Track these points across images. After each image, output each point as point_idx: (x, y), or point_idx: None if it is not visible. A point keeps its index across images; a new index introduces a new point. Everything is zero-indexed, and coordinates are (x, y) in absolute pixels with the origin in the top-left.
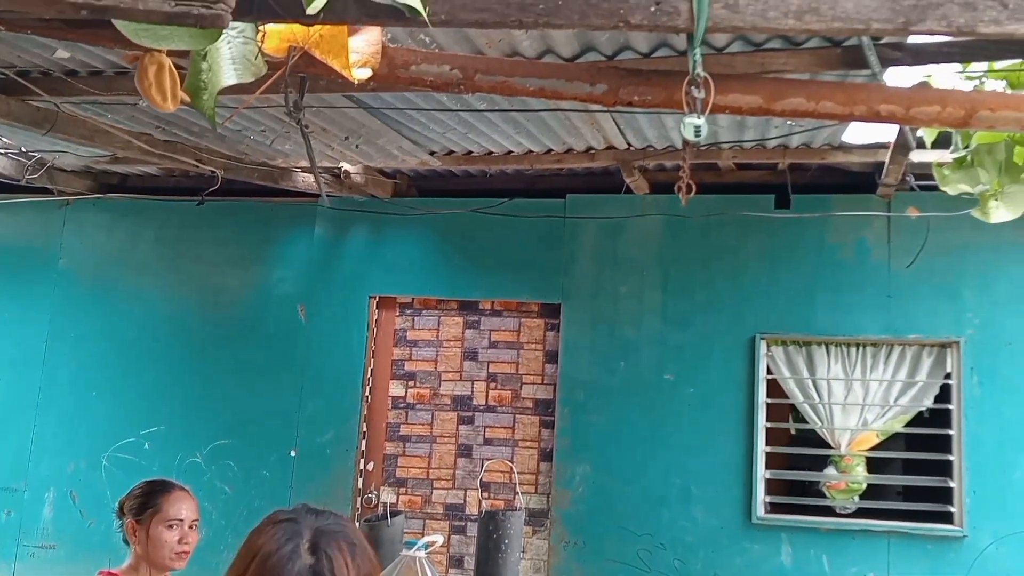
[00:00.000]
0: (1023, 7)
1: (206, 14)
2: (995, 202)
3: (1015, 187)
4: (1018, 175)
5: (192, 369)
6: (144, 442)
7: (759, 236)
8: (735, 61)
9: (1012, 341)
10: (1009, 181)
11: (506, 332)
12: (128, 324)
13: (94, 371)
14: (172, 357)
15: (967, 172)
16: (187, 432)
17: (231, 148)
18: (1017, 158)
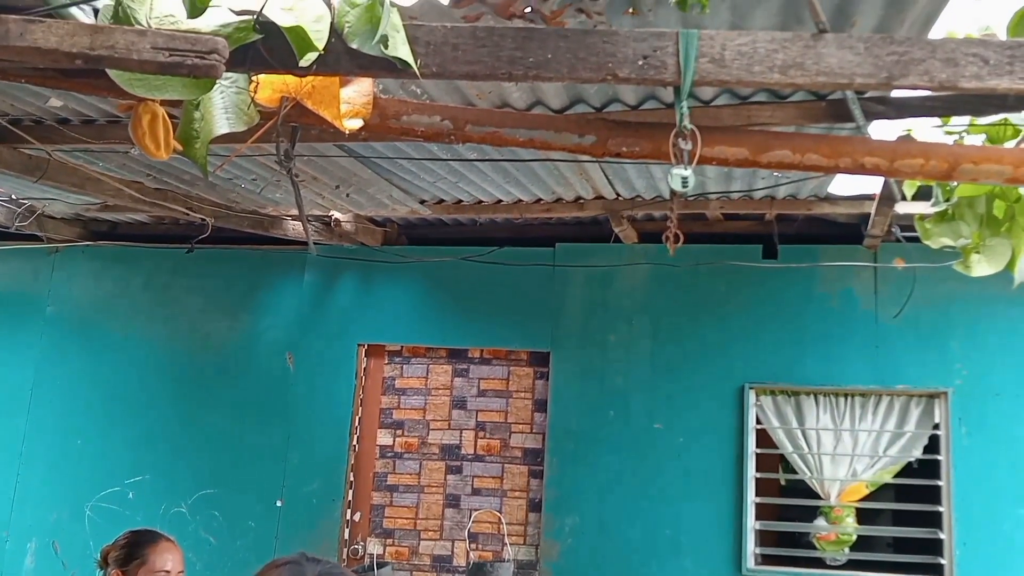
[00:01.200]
0: (1003, 63)
1: (200, 64)
2: (977, 256)
3: (996, 240)
4: (998, 228)
5: (178, 418)
6: (128, 491)
7: (747, 286)
8: (721, 114)
9: (1000, 392)
10: (990, 234)
11: (495, 380)
12: (115, 372)
13: (79, 419)
14: (158, 405)
15: (949, 226)
16: (172, 481)
17: (222, 196)
18: (997, 211)
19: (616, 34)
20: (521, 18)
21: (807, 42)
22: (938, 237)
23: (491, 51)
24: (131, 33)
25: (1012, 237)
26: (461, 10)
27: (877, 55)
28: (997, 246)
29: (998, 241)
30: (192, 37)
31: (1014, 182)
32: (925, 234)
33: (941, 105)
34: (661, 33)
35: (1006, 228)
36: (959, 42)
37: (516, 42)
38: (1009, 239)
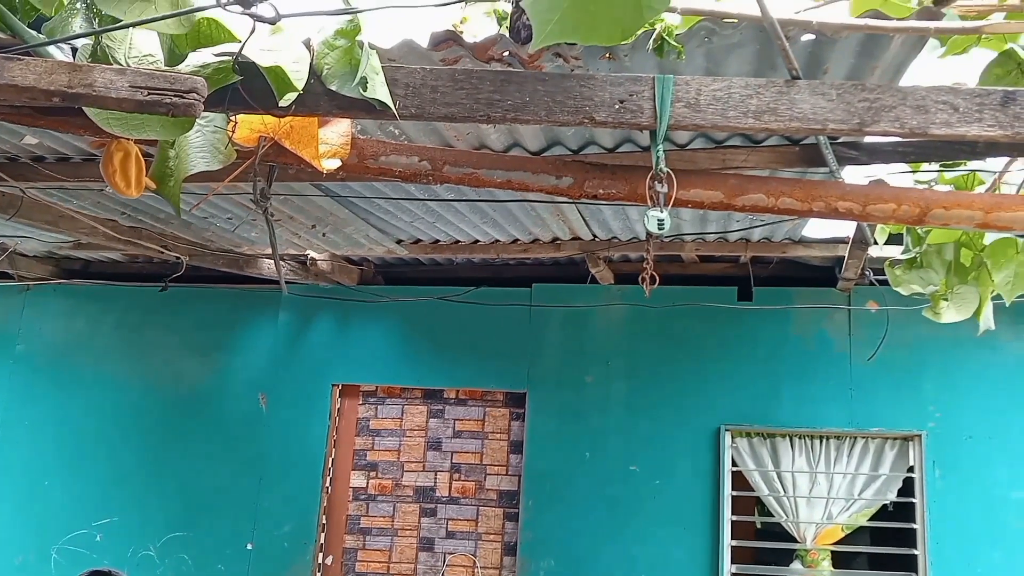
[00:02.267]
0: (972, 110)
1: (178, 103)
2: (945, 303)
3: (964, 288)
4: (966, 276)
5: (148, 458)
6: (96, 533)
7: (723, 328)
8: (697, 157)
9: (973, 435)
10: (958, 282)
11: (471, 421)
12: (84, 412)
13: (47, 460)
14: (128, 446)
15: (918, 273)
16: (141, 523)
17: (197, 235)
18: (965, 259)
19: (593, 78)
20: (499, 61)
21: (781, 88)
22: (908, 284)
23: (470, 93)
24: (109, 71)
25: (980, 285)
26: (440, 53)
27: (849, 102)
28: (965, 293)
29: (966, 289)
30: (171, 76)
31: (984, 227)
32: (895, 281)
33: (912, 151)
34: (637, 78)
35: (973, 276)
36: (929, 89)
37: (495, 85)
38: (977, 287)
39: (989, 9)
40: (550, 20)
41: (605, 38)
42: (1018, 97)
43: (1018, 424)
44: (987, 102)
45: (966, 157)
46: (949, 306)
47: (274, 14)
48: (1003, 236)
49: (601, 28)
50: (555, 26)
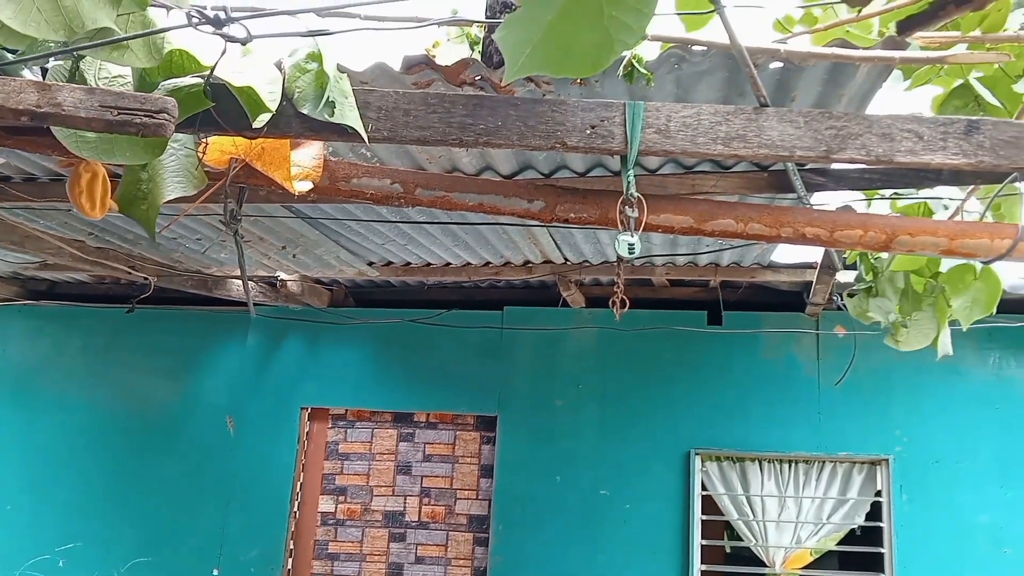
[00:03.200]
0: (936, 139)
1: (149, 123)
2: (905, 330)
3: (922, 315)
4: (920, 304)
5: (114, 482)
6: (59, 559)
7: (693, 351)
8: (667, 182)
9: (940, 459)
10: (913, 310)
11: (441, 445)
12: (48, 435)
13: (10, 484)
14: (93, 470)
15: (875, 302)
16: (105, 549)
17: (165, 256)
18: (917, 286)
19: (565, 104)
20: (471, 85)
21: (749, 115)
22: (866, 312)
23: (442, 117)
24: (79, 91)
25: (937, 312)
26: (412, 76)
27: (816, 129)
28: (924, 321)
29: (924, 316)
30: (141, 96)
31: (949, 254)
32: (854, 310)
33: (878, 178)
34: (609, 104)
35: (929, 303)
36: (895, 118)
37: (467, 109)
38: (934, 314)
39: (951, 41)
40: (522, 53)
41: (576, 71)
42: (981, 126)
43: (984, 448)
44: (951, 131)
45: (930, 184)
46: (908, 334)
47: (245, 35)
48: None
49: (572, 61)
50: (527, 59)
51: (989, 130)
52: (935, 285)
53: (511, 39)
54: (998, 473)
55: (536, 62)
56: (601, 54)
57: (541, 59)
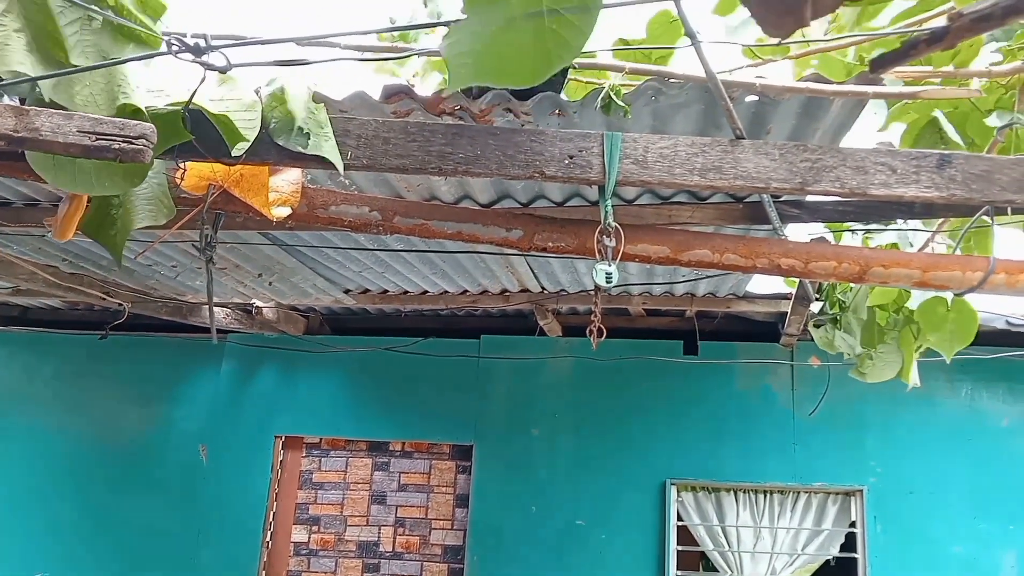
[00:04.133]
0: (909, 172)
1: (127, 149)
2: (870, 362)
3: (887, 348)
4: (883, 337)
5: (84, 511)
6: None
7: (669, 381)
8: (644, 212)
9: (913, 489)
10: (875, 343)
11: (416, 475)
12: (18, 463)
13: None
14: (63, 498)
15: (840, 334)
16: None
17: (139, 282)
18: (880, 320)
19: (544, 134)
20: (451, 115)
21: (725, 147)
22: (833, 343)
23: (422, 146)
24: (57, 116)
25: (902, 345)
26: (391, 105)
27: (791, 161)
28: (889, 353)
29: (889, 349)
30: (119, 122)
31: (922, 286)
32: (820, 340)
33: (852, 210)
34: (587, 134)
35: (893, 336)
36: (869, 151)
37: (446, 138)
38: (899, 347)
39: (924, 76)
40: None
41: (515, 81)
42: (953, 160)
43: (957, 479)
44: (924, 164)
45: (903, 217)
46: (873, 366)
47: (225, 63)
48: (932, 296)
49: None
50: (468, 69)
51: (961, 164)
52: (898, 319)
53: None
54: (971, 504)
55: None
56: (539, 66)
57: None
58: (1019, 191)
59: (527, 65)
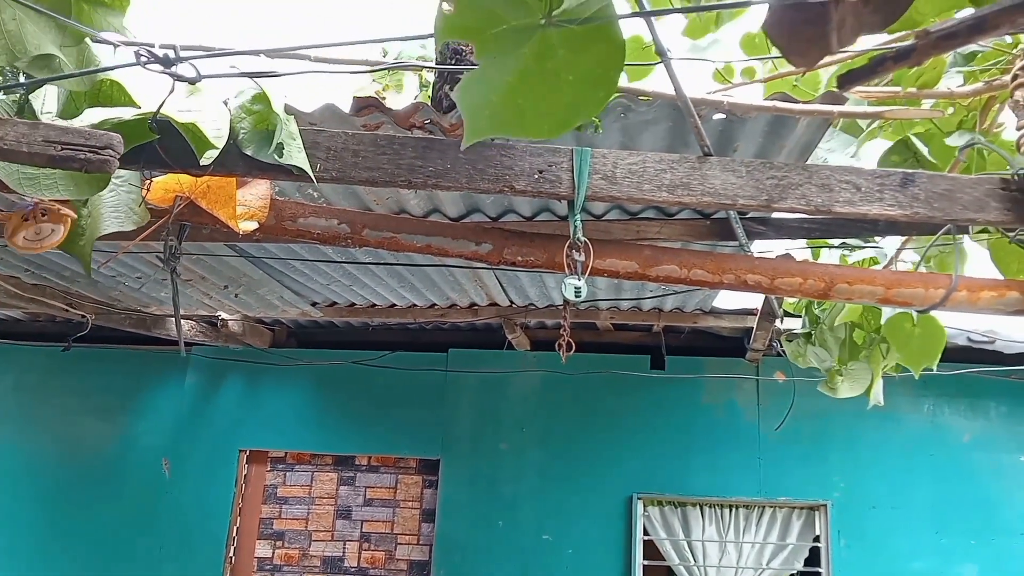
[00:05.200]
0: (873, 190)
1: (93, 159)
2: (840, 378)
3: (857, 365)
4: (858, 354)
5: (43, 525)
6: None
7: (636, 395)
8: (612, 228)
9: (876, 504)
10: (850, 360)
11: (382, 489)
12: None
13: None
14: (22, 512)
15: (813, 349)
16: None
17: (103, 294)
18: (857, 338)
19: (513, 148)
20: (421, 129)
21: (693, 164)
22: (804, 358)
23: (391, 159)
24: (22, 125)
25: (871, 362)
26: (361, 118)
27: (758, 179)
28: (858, 370)
29: (859, 366)
30: (86, 131)
31: (885, 303)
32: (792, 354)
33: (817, 227)
34: (556, 149)
35: (865, 354)
36: (834, 169)
37: (416, 151)
38: (869, 364)
39: (889, 96)
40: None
41: (534, 132)
42: (916, 179)
43: (919, 494)
44: (887, 183)
45: (868, 235)
46: (843, 382)
47: (195, 74)
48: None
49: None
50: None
51: (924, 183)
52: (875, 337)
53: (469, 100)
54: (933, 519)
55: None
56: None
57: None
58: (980, 210)
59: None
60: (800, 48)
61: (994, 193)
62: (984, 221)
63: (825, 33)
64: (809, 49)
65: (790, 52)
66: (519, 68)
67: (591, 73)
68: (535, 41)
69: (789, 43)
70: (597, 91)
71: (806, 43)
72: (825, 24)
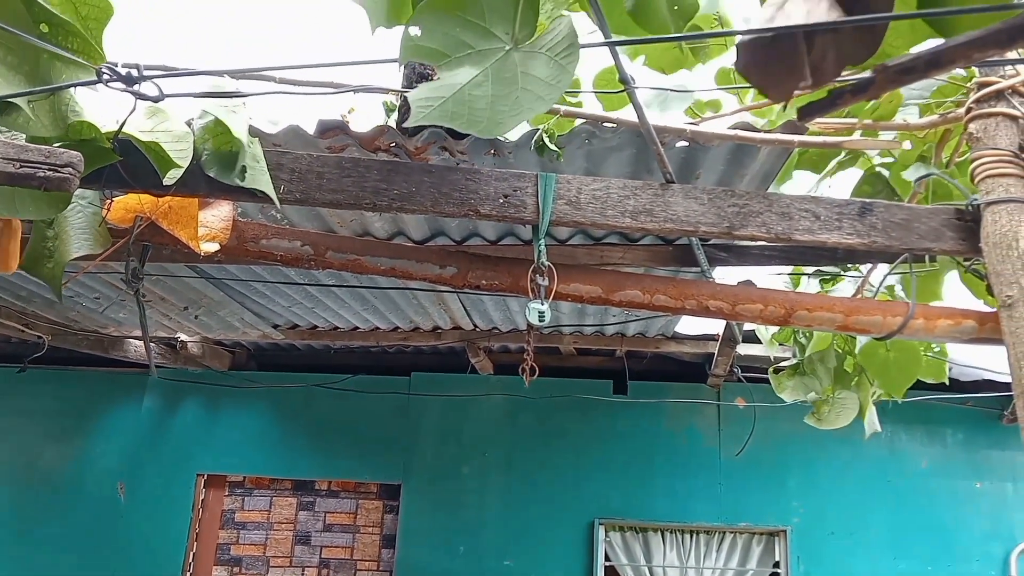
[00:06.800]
0: (832, 219)
1: (52, 177)
2: (827, 409)
3: (845, 394)
4: (849, 383)
5: None
6: None
7: (598, 420)
8: (576, 253)
9: (835, 530)
10: (839, 389)
11: (342, 514)
12: None
13: None
14: None
15: (801, 380)
16: None
17: (60, 314)
18: (847, 366)
19: (479, 172)
20: (386, 152)
21: (656, 191)
22: (791, 390)
23: (356, 181)
24: None
25: (860, 391)
26: (326, 141)
27: (720, 206)
28: (846, 400)
29: (847, 395)
30: (46, 149)
31: (844, 329)
32: (778, 387)
33: (778, 255)
34: (521, 174)
35: (855, 383)
36: (794, 198)
37: (381, 174)
38: (857, 393)
39: (847, 127)
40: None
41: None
42: (874, 208)
43: (877, 520)
44: (846, 212)
45: (827, 263)
46: (830, 412)
47: (158, 93)
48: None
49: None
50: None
51: (881, 212)
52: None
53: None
54: (891, 544)
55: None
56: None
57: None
58: (936, 239)
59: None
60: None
61: (950, 223)
62: (940, 250)
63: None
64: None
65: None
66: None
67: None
68: (497, 62)
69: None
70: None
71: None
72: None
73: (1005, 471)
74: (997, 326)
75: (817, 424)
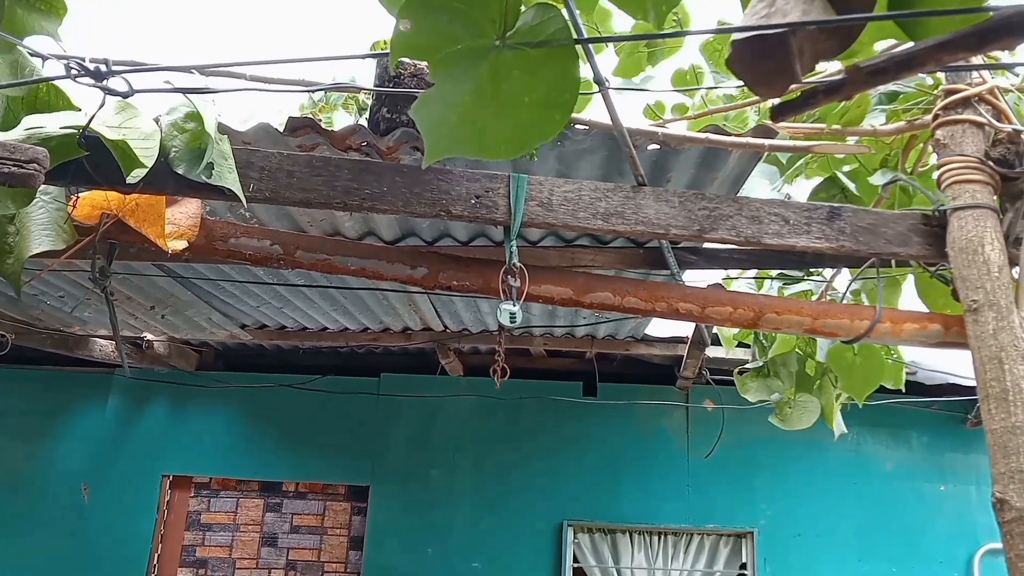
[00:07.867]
0: (801, 223)
1: (17, 173)
2: (790, 410)
3: (807, 397)
4: (810, 386)
5: None
6: None
7: (568, 422)
8: (548, 254)
9: (801, 532)
10: (801, 391)
11: (309, 516)
12: None
13: None
14: None
15: (764, 381)
16: None
17: (24, 313)
18: (809, 369)
19: (451, 173)
20: (357, 151)
21: (627, 193)
22: (755, 391)
23: (326, 180)
24: None
25: (822, 394)
26: (297, 139)
27: (690, 209)
28: (807, 402)
29: (808, 398)
30: (11, 145)
31: (812, 332)
32: (743, 388)
33: (747, 258)
34: (493, 175)
35: (816, 386)
36: (763, 202)
37: (352, 174)
38: (819, 396)
39: (816, 132)
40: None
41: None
42: (843, 213)
43: (843, 523)
44: (815, 216)
45: (796, 267)
46: (792, 413)
47: (127, 88)
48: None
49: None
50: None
51: (850, 216)
52: (824, 368)
53: (427, 117)
54: (857, 546)
55: (455, 143)
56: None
57: (459, 139)
58: (903, 244)
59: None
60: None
61: (916, 228)
62: (907, 255)
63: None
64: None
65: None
66: (475, 88)
67: (546, 95)
68: (490, 62)
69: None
70: (553, 113)
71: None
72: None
73: (969, 474)
74: (963, 330)
75: (781, 424)
